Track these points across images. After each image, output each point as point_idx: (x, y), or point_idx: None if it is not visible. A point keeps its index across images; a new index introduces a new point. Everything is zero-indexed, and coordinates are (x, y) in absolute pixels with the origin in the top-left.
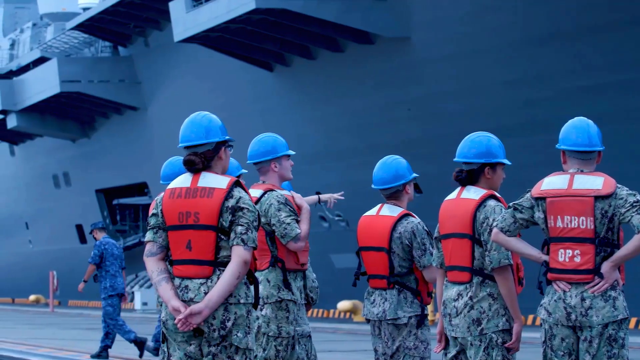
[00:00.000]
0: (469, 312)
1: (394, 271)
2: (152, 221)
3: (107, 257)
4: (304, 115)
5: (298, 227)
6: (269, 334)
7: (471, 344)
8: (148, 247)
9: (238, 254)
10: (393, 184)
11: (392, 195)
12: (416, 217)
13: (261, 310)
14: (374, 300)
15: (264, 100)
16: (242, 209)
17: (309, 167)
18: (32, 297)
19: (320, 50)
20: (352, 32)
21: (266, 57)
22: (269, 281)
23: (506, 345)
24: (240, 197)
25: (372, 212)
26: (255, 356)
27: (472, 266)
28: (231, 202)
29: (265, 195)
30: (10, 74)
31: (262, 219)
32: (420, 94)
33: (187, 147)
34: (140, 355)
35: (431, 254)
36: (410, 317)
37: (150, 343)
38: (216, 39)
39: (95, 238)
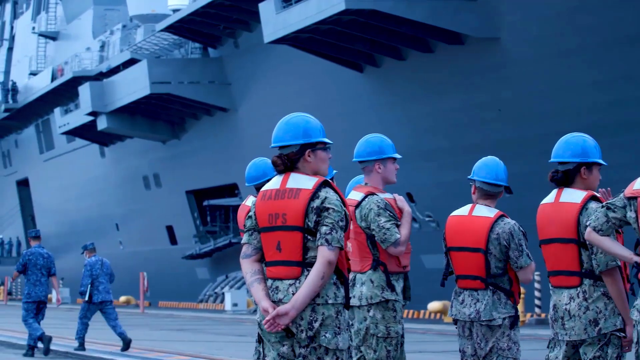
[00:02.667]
0: (584, 313)
1: (490, 272)
2: (247, 223)
3: (29, 266)
4: (394, 115)
5: (398, 232)
6: (378, 335)
7: (588, 344)
8: (243, 249)
9: (322, 254)
10: (500, 182)
11: (492, 195)
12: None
13: (368, 312)
14: (463, 300)
15: (354, 101)
16: (327, 209)
17: (399, 168)
18: (122, 299)
19: (410, 51)
20: (441, 33)
21: (356, 58)
22: (372, 282)
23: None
24: (325, 198)
25: (463, 212)
26: (360, 357)
27: (581, 269)
28: (316, 203)
29: (366, 200)
30: (100, 76)
31: (363, 223)
32: (510, 95)
33: (279, 148)
34: (45, 353)
35: (528, 255)
36: (504, 318)
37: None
38: (306, 40)
39: (30, 245)
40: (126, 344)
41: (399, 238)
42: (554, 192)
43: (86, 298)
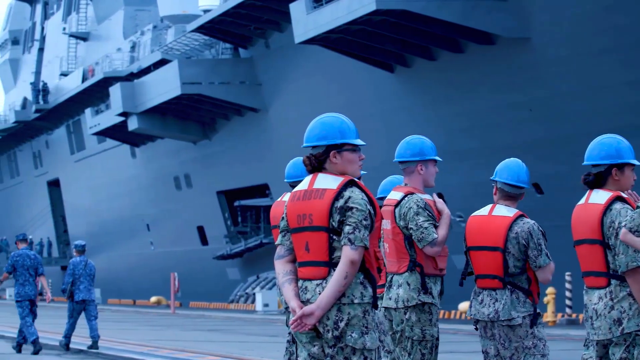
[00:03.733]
0: (609, 312)
1: (508, 271)
2: (281, 224)
3: (17, 267)
4: (425, 116)
5: (435, 232)
6: (413, 338)
7: (615, 344)
8: (277, 250)
9: (345, 254)
10: (522, 184)
11: (513, 196)
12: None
13: (405, 314)
14: (482, 300)
15: (385, 101)
16: (350, 208)
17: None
18: (153, 299)
19: (441, 51)
20: (472, 33)
21: (387, 58)
22: (409, 284)
23: None
24: (349, 197)
25: (483, 212)
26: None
27: (608, 270)
28: (340, 202)
29: (405, 199)
30: (131, 76)
31: (401, 222)
32: (541, 95)
33: (312, 148)
34: (35, 353)
35: (547, 255)
36: (524, 317)
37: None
38: (336, 40)
39: (17, 248)
40: (94, 343)
41: (436, 238)
42: (587, 193)
43: (66, 297)
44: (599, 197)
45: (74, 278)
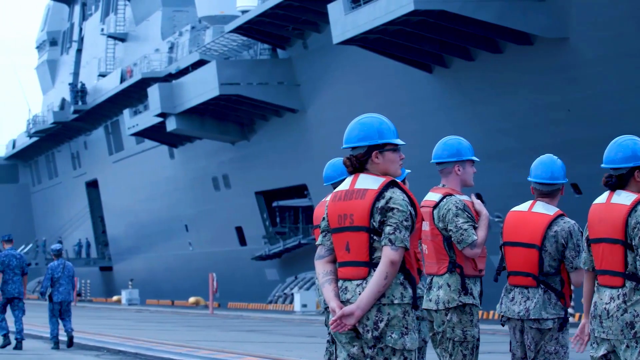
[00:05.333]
0: (622, 315)
1: (542, 270)
2: (322, 225)
3: (4, 267)
4: (463, 116)
5: (475, 234)
6: (454, 339)
7: (627, 346)
8: (317, 250)
9: (385, 255)
10: (555, 181)
11: (549, 193)
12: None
13: (446, 315)
14: (514, 297)
15: (423, 102)
16: (391, 209)
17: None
18: (191, 299)
19: (479, 52)
20: (511, 33)
21: (425, 59)
22: (449, 285)
23: None
24: (390, 198)
25: (523, 207)
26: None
27: (625, 271)
28: (381, 203)
29: (444, 200)
30: (169, 77)
31: (440, 224)
32: (579, 95)
33: (351, 149)
34: (16, 348)
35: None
36: (554, 320)
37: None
38: (375, 40)
39: (3, 248)
40: (69, 340)
41: (475, 240)
42: (606, 193)
43: (46, 298)
44: (623, 198)
45: (53, 280)
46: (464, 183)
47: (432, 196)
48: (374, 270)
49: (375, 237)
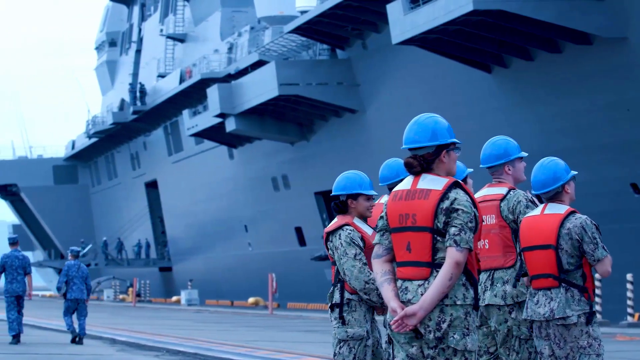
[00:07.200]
0: None
1: (562, 268)
2: (379, 224)
3: (7, 267)
4: (522, 116)
5: None
6: (521, 337)
7: None
8: (375, 249)
9: (450, 256)
10: (552, 186)
11: (553, 197)
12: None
13: (510, 313)
14: (538, 300)
15: (482, 102)
16: (456, 210)
17: (527, 168)
18: (251, 300)
19: (538, 51)
20: (569, 33)
21: (484, 59)
22: (517, 280)
23: None
24: (455, 199)
25: (536, 212)
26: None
27: None
28: (446, 204)
29: (511, 192)
30: (228, 78)
31: (510, 216)
32: (639, 94)
33: (410, 149)
34: (16, 343)
35: (603, 248)
36: (579, 316)
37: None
38: (434, 40)
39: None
40: (79, 339)
41: None
42: None
43: (60, 294)
44: None
45: (67, 279)
46: (516, 180)
47: (497, 190)
48: (436, 271)
49: (438, 238)
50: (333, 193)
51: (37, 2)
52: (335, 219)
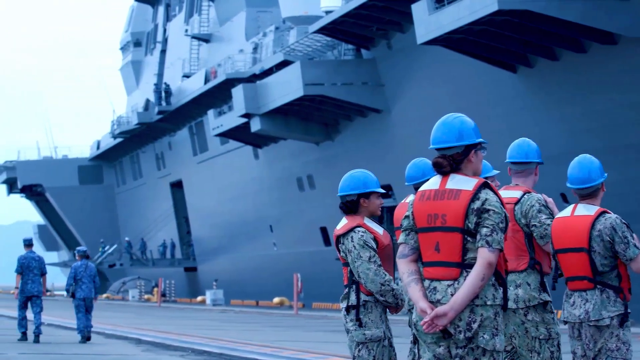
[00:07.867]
0: None
1: (597, 270)
2: (404, 223)
3: (24, 268)
4: (548, 116)
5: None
6: (540, 337)
7: None
8: (400, 248)
9: (482, 256)
10: (592, 183)
11: (588, 195)
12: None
13: (525, 315)
14: (574, 302)
15: (507, 102)
16: (487, 210)
17: (554, 168)
18: (276, 300)
19: (563, 51)
20: (594, 33)
21: (509, 59)
22: (529, 284)
23: None
24: (486, 199)
25: (566, 212)
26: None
27: None
28: (477, 204)
29: (526, 196)
30: (253, 78)
31: (523, 220)
32: None
33: (437, 149)
34: (35, 342)
35: (635, 246)
36: (612, 318)
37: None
38: (458, 40)
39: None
40: (87, 338)
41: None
42: None
43: (69, 296)
44: None
45: (76, 279)
46: (535, 183)
47: (511, 193)
48: (466, 272)
49: (469, 238)
50: (343, 193)
51: (62, 3)
52: (345, 220)
